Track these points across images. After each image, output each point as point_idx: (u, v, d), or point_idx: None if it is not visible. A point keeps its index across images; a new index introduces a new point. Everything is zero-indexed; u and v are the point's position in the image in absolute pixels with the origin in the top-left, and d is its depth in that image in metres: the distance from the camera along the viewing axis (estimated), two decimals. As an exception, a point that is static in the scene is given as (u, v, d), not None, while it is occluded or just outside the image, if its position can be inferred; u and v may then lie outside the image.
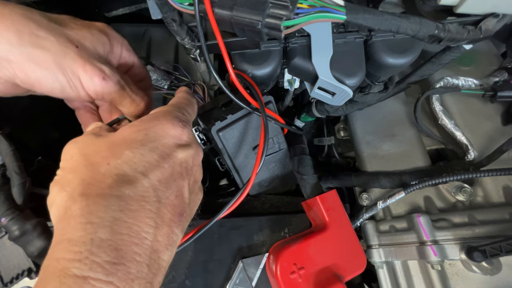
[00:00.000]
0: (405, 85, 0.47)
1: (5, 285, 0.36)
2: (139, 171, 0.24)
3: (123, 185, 0.23)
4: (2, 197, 0.36)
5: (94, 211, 0.22)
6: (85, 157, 0.25)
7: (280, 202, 0.50)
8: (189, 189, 0.28)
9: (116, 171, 0.24)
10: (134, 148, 0.25)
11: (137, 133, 0.26)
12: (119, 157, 0.24)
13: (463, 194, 0.48)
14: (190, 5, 0.30)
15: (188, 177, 0.28)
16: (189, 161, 0.28)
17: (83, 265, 0.19)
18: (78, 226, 0.21)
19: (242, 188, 0.37)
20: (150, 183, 0.24)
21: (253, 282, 0.42)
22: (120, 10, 0.65)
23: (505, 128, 0.52)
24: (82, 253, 0.20)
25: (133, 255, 0.21)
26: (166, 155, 0.26)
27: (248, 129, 0.44)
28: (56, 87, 0.31)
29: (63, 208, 0.23)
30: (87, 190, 0.23)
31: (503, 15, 0.31)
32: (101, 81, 0.31)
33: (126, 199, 0.23)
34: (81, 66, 0.30)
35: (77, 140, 0.27)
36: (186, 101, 0.33)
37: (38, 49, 0.29)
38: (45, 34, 0.29)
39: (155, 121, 0.28)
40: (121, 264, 0.21)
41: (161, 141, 0.27)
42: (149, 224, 0.23)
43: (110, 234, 0.21)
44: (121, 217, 0.22)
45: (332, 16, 0.28)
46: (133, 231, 0.22)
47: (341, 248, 0.42)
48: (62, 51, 0.30)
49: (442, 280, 0.44)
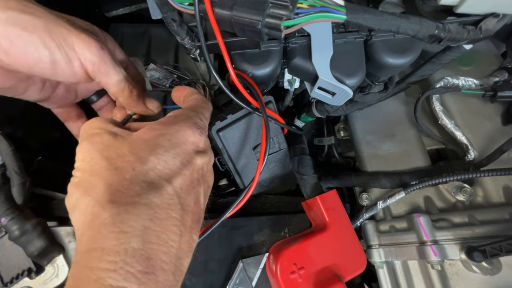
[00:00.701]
0: (405, 85, 0.47)
1: (5, 285, 0.36)
2: (164, 178, 0.24)
3: (150, 192, 0.23)
4: (2, 197, 0.36)
5: (126, 220, 0.21)
6: (108, 160, 0.24)
7: (280, 202, 0.50)
8: (204, 194, 0.28)
9: (142, 177, 0.23)
10: (159, 154, 0.25)
11: (160, 138, 0.26)
12: (144, 163, 0.24)
13: (463, 194, 0.48)
14: (190, 5, 0.30)
15: (204, 183, 0.28)
16: (205, 168, 0.28)
17: (118, 275, 0.20)
18: (110, 235, 0.21)
19: (246, 188, 0.37)
20: (174, 191, 0.24)
21: (253, 282, 0.42)
22: (120, 10, 0.65)
23: (505, 128, 0.52)
24: (117, 263, 0.20)
25: (161, 263, 0.22)
26: (187, 162, 0.26)
27: (248, 129, 0.44)
28: (45, 56, 0.27)
29: (90, 214, 0.22)
30: (115, 197, 0.22)
31: (503, 15, 0.31)
32: (98, 50, 0.29)
33: (154, 208, 0.23)
34: (75, 34, 0.28)
35: (94, 140, 0.25)
36: (203, 105, 0.32)
37: (26, 14, 0.26)
38: (34, 6, 0.27)
39: (176, 126, 0.27)
40: (151, 273, 0.21)
41: (182, 147, 0.26)
42: (175, 232, 0.23)
43: (141, 244, 0.21)
44: (150, 225, 0.22)
45: (332, 16, 0.28)
46: (161, 239, 0.22)
47: (341, 248, 0.42)
48: (53, 20, 0.27)
49: (442, 280, 0.44)
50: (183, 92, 0.35)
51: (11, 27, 0.26)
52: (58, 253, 0.38)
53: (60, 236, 0.39)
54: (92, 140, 0.26)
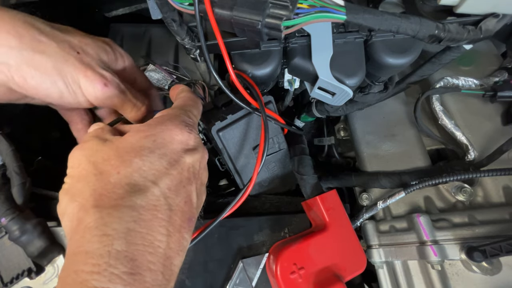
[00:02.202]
0: (405, 85, 0.47)
1: (5, 285, 0.36)
2: (149, 179, 0.24)
3: (134, 195, 0.23)
4: (2, 197, 0.36)
5: (109, 223, 0.22)
6: (94, 165, 0.25)
7: (280, 202, 0.50)
8: (196, 193, 0.28)
9: (126, 180, 0.24)
10: (143, 156, 0.25)
11: (145, 140, 0.26)
12: (128, 165, 0.24)
13: (463, 194, 0.48)
14: (190, 5, 0.30)
15: (196, 181, 0.28)
16: (196, 166, 0.28)
17: (102, 277, 0.20)
18: (94, 238, 0.21)
19: (244, 188, 0.37)
20: (160, 191, 0.24)
21: (253, 282, 0.42)
22: (120, 10, 0.65)
23: (505, 128, 0.52)
24: (100, 266, 0.20)
25: (148, 264, 0.22)
26: (175, 162, 0.26)
27: (248, 129, 0.44)
28: (54, 92, 0.30)
29: (75, 219, 0.23)
30: (99, 201, 0.23)
31: (503, 15, 0.31)
32: (102, 87, 0.31)
33: (138, 209, 0.23)
34: (82, 72, 0.30)
35: (84, 147, 0.27)
36: (191, 102, 0.32)
37: (38, 54, 0.29)
38: (46, 40, 0.29)
39: (162, 126, 0.27)
40: (137, 274, 0.21)
41: (169, 147, 0.26)
42: (162, 232, 0.23)
43: (125, 245, 0.21)
44: (134, 227, 0.22)
45: (332, 16, 0.28)
46: (147, 240, 0.22)
47: (341, 248, 0.42)
48: (62, 57, 0.30)
49: (442, 280, 0.44)
50: (176, 90, 0.35)
51: (25, 66, 0.29)
52: (58, 253, 0.38)
53: (60, 236, 0.39)
54: (82, 146, 0.27)
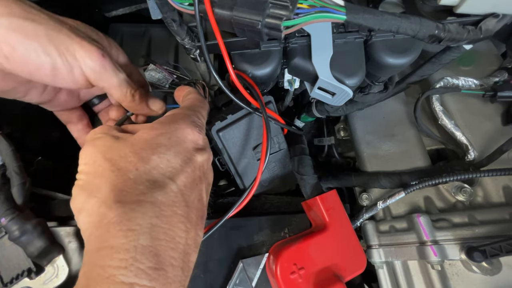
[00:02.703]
0: (405, 85, 0.47)
1: (5, 285, 0.36)
2: (167, 176, 0.25)
3: (155, 191, 0.23)
4: (2, 197, 0.36)
5: (133, 218, 0.22)
6: (111, 162, 0.24)
7: (280, 202, 0.50)
8: (206, 192, 0.28)
9: (146, 176, 0.24)
10: (160, 153, 0.25)
11: (161, 137, 0.26)
12: (146, 162, 0.24)
13: (463, 194, 0.48)
14: (190, 5, 0.30)
15: (205, 180, 0.28)
16: (205, 165, 0.28)
17: (129, 272, 0.20)
18: (119, 233, 0.21)
19: (249, 187, 0.38)
20: (178, 188, 0.25)
21: (253, 282, 0.42)
22: (120, 10, 0.65)
23: (505, 128, 0.52)
24: (127, 260, 0.20)
25: (170, 259, 0.22)
26: (188, 160, 0.26)
27: (248, 129, 0.44)
28: (47, 64, 0.27)
29: (96, 215, 0.23)
30: (121, 196, 0.23)
31: (503, 15, 0.31)
32: (100, 57, 0.29)
33: (159, 205, 0.23)
34: (77, 42, 0.28)
35: (96, 144, 0.26)
36: (200, 104, 0.33)
37: (28, 21, 0.26)
38: (37, 12, 0.27)
39: (175, 125, 0.27)
40: (161, 269, 0.21)
41: (183, 145, 0.27)
42: (181, 228, 0.24)
43: (150, 241, 0.21)
44: (157, 223, 0.22)
45: (332, 16, 0.28)
46: (169, 236, 0.23)
47: (341, 248, 0.42)
48: (55, 26, 0.27)
49: (442, 280, 0.44)
50: (182, 91, 0.35)
51: (13, 33, 0.26)
52: (58, 253, 0.38)
53: (60, 236, 0.39)
54: (94, 143, 0.26)
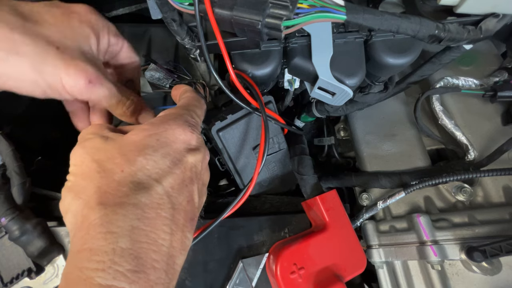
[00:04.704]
0: (405, 85, 0.47)
1: (5, 285, 0.36)
2: (153, 178, 0.24)
3: (138, 193, 0.23)
4: (2, 197, 0.36)
5: (113, 220, 0.22)
6: (98, 163, 0.24)
7: (280, 202, 0.50)
8: (198, 193, 0.28)
9: (131, 178, 0.24)
10: (147, 154, 0.25)
11: (148, 138, 0.26)
12: (132, 164, 0.24)
13: (463, 194, 0.48)
14: (190, 5, 0.30)
15: (197, 181, 0.28)
16: (198, 166, 0.28)
17: (107, 274, 0.20)
18: (99, 235, 0.21)
19: (245, 188, 0.37)
20: (164, 190, 0.24)
21: (253, 282, 0.42)
22: (120, 10, 0.65)
23: (505, 128, 0.52)
24: (105, 263, 0.20)
25: (152, 262, 0.22)
26: (178, 161, 0.26)
27: (248, 129, 0.44)
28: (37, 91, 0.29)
29: (80, 216, 0.23)
30: (104, 198, 0.23)
31: (503, 15, 0.31)
32: (86, 85, 0.29)
33: (142, 207, 0.23)
34: (63, 70, 0.28)
35: (85, 145, 0.26)
36: (195, 103, 0.32)
37: (13, 55, 0.26)
38: (20, 37, 0.27)
39: (165, 125, 0.27)
40: (141, 271, 0.21)
41: (172, 146, 0.26)
42: (165, 231, 0.23)
43: (130, 243, 0.21)
44: (139, 225, 0.22)
45: (332, 16, 0.28)
46: (151, 238, 0.22)
47: (341, 248, 0.42)
48: (40, 56, 0.27)
49: (442, 280, 0.44)
50: (179, 90, 0.35)
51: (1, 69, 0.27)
52: (58, 253, 0.38)
53: (60, 236, 0.39)
54: (84, 144, 0.27)
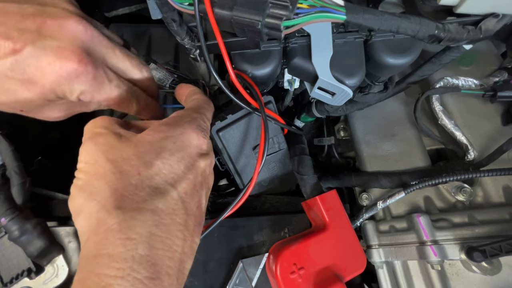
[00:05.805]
0: (405, 85, 0.47)
1: (4, 285, 0.36)
2: (169, 182, 0.24)
3: (156, 198, 0.23)
4: (2, 197, 0.36)
5: (132, 226, 0.21)
6: (113, 163, 0.24)
7: (280, 202, 0.50)
8: (205, 197, 0.28)
9: (148, 182, 0.23)
10: (164, 158, 0.25)
11: (165, 141, 0.26)
12: (150, 167, 0.24)
13: (463, 194, 0.48)
14: (190, 5, 0.30)
15: (206, 186, 0.28)
16: (207, 170, 0.28)
17: (126, 282, 0.20)
18: (118, 241, 0.21)
19: (244, 188, 0.37)
20: (178, 196, 0.24)
21: (253, 282, 0.42)
22: (120, 10, 0.65)
23: (505, 128, 0.52)
24: (125, 270, 0.20)
25: (166, 269, 0.22)
26: (191, 166, 0.26)
27: (248, 129, 0.44)
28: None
29: (94, 219, 0.22)
30: (121, 202, 0.22)
31: (503, 15, 0.31)
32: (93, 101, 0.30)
33: (159, 213, 0.23)
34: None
35: (98, 141, 0.25)
36: (206, 106, 0.32)
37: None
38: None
39: (181, 128, 0.27)
40: (157, 278, 0.21)
41: (187, 151, 0.26)
42: (179, 237, 0.23)
43: (148, 250, 0.21)
44: (156, 232, 0.22)
45: (332, 16, 0.28)
46: (166, 245, 0.22)
47: (341, 248, 0.42)
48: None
49: (442, 280, 0.44)
50: (185, 90, 0.35)
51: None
52: (58, 253, 0.38)
53: (60, 236, 0.39)
54: (96, 140, 0.25)
